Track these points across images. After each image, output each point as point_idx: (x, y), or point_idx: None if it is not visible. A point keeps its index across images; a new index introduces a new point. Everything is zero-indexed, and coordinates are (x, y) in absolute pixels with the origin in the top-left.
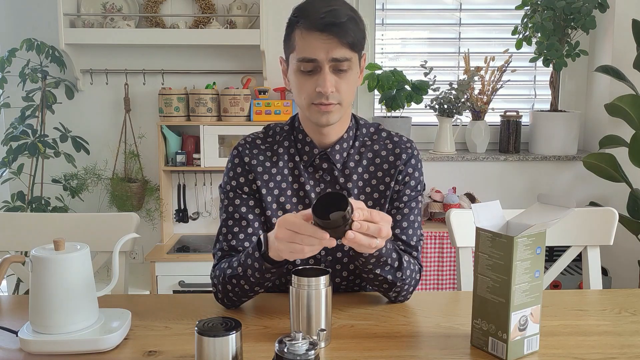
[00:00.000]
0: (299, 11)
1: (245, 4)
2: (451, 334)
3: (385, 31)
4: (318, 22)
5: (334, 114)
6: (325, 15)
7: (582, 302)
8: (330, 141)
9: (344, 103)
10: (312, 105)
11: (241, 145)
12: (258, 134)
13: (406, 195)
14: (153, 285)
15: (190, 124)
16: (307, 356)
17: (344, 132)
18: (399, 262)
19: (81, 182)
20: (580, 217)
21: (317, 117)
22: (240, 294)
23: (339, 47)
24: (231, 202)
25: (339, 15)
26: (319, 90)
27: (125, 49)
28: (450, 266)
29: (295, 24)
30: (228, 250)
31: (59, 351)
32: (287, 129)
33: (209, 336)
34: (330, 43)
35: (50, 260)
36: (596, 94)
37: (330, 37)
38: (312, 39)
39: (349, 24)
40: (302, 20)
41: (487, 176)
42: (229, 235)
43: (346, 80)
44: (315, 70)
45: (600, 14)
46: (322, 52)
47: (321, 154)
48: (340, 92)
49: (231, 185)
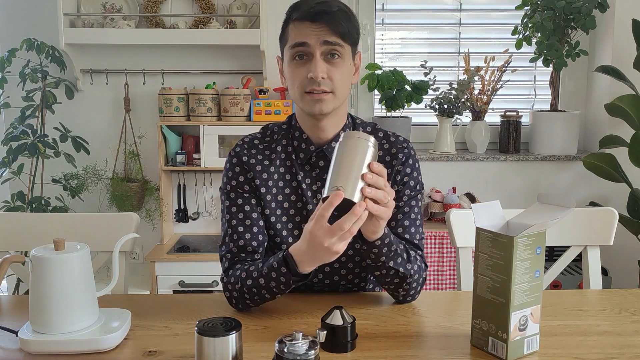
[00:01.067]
0: (292, 7)
1: (245, 4)
2: (451, 334)
3: (385, 31)
4: (309, 11)
5: (327, 102)
6: (316, 5)
7: (582, 302)
8: (326, 137)
9: (337, 92)
10: (305, 94)
11: (239, 146)
12: (256, 135)
13: (406, 195)
14: (153, 285)
15: (190, 124)
16: (307, 356)
17: (340, 130)
18: (407, 254)
19: (81, 182)
20: (580, 217)
21: (310, 106)
22: (260, 301)
23: (330, 35)
24: (233, 202)
25: (330, 6)
26: (310, 76)
27: (125, 49)
28: (450, 266)
29: (288, 19)
30: (237, 252)
31: (59, 351)
32: (285, 127)
33: (209, 336)
34: (321, 30)
35: (50, 260)
36: (596, 94)
37: (321, 26)
38: (303, 28)
39: (340, 14)
40: (295, 14)
41: (487, 176)
42: (235, 235)
43: (339, 69)
44: (307, 58)
45: (600, 14)
46: (313, 38)
47: (317, 152)
48: (332, 80)
49: (231, 185)
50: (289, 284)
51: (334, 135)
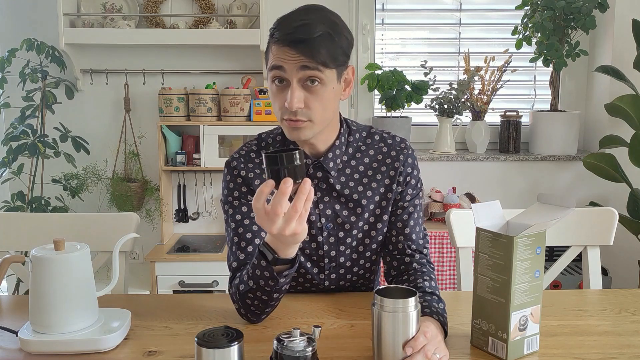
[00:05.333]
0: (277, 22)
1: (245, 4)
2: (451, 334)
3: (385, 31)
4: (286, 36)
5: (305, 130)
6: (295, 30)
7: (582, 302)
8: (320, 150)
9: (315, 120)
10: (283, 120)
11: (235, 160)
12: (251, 146)
13: (409, 194)
14: (153, 285)
15: (190, 124)
16: (305, 353)
17: (335, 140)
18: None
19: (81, 182)
20: (580, 217)
21: (288, 132)
22: (262, 306)
23: (308, 64)
24: (237, 210)
25: (309, 32)
26: (286, 105)
27: (125, 49)
28: (450, 266)
29: (270, 37)
30: (244, 259)
31: (59, 351)
32: (280, 139)
33: (209, 347)
34: (298, 59)
35: (50, 260)
36: (596, 94)
37: (298, 54)
38: (281, 52)
39: (320, 41)
40: (275, 33)
41: (487, 176)
42: (242, 242)
43: (318, 97)
44: (286, 84)
45: (600, 14)
46: (290, 63)
47: (314, 164)
48: (310, 109)
49: (233, 196)
50: (274, 278)
51: (329, 146)
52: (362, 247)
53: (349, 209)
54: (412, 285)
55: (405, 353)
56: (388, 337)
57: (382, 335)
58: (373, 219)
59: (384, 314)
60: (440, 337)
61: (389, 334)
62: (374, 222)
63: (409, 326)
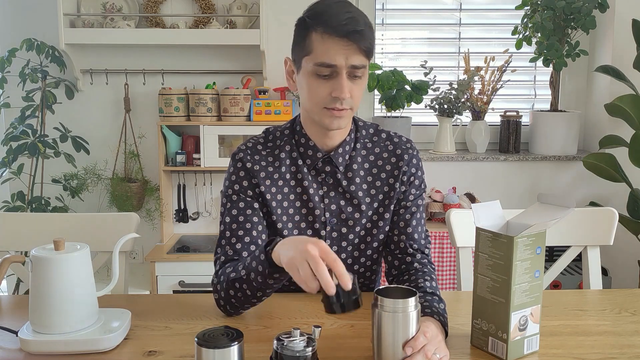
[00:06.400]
0: (316, 15)
1: (245, 4)
2: (451, 334)
3: (385, 31)
4: (340, 28)
5: (345, 119)
6: (347, 22)
7: (582, 302)
8: (333, 144)
9: (354, 108)
10: (325, 109)
11: (242, 151)
12: (258, 139)
13: (412, 194)
14: (153, 285)
15: (190, 124)
16: (305, 353)
17: (346, 135)
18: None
19: (81, 182)
20: (580, 217)
21: (328, 122)
22: (243, 299)
23: (357, 54)
24: (234, 205)
25: (358, 23)
26: (335, 95)
27: (125, 49)
28: (450, 266)
29: (311, 27)
30: (232, 255)
31: (59, 351)
32: (288, 132)
33: (209, 347)
34: (349, 49)
35: (50, 260)
36: (596, 94)
37: (350, 44)
38: (332, 44)
39: (367, 32)
40: (321, 25)
41: (487, 176)
42: (233, 238)
43: (359, 87)
44: (331, 75)
45: (600, 14)
46: (341, 58)
47: (324, 157)
48: (353, 98)
49: (234, 189)
50: (264, 275)
51: (340, 142)
52: (364, 244)
53: (352, 206)
54: (412, 285)
55: (405, 353)
56: (388, 337)
57: (382, 335)
58: (375, 216)
59: (384, 314)
60: (440, 337)
61: (389, 334)
62: (376, 220)
63: (409, 326)
